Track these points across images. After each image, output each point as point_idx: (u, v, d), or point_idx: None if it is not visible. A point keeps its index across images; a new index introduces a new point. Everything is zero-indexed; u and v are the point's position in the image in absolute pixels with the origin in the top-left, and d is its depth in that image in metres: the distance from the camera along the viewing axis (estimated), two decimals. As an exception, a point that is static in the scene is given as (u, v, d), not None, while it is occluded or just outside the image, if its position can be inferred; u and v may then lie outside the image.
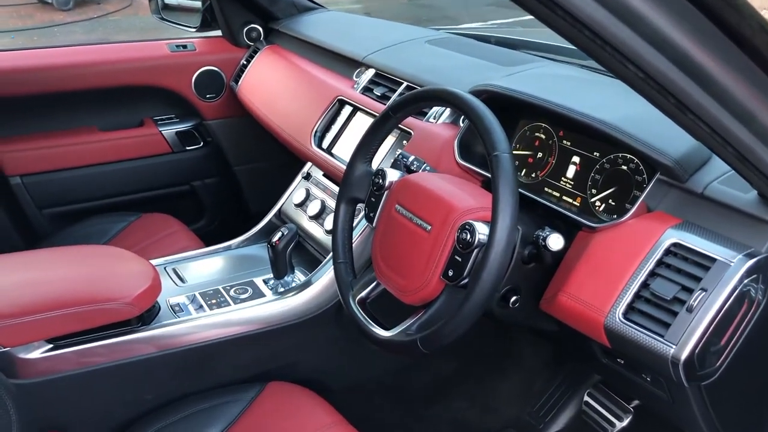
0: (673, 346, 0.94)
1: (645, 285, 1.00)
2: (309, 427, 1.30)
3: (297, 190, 1.77)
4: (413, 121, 1.50)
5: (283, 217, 1.79)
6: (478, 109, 1.05)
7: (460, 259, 1.04)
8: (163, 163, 2.34)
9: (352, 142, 1.59)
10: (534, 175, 1.34)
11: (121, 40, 2.29)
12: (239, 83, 2.24)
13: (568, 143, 1.29)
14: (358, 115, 1.68)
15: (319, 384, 1.48)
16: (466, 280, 1.03)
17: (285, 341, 1.49)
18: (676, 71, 0.71)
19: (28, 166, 2.14)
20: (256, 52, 2.26)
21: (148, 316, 1.40)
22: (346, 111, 1.72)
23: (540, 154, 1.34)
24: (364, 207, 1.27)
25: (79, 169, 2.22)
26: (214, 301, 1.48)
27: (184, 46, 2.31)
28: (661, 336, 0.96)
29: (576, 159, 1.27)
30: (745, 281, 0.93)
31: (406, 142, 1.50)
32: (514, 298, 1.14)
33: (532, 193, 1.28)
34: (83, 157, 2.22)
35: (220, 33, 2.36)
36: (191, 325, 1.41)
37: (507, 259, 0.98)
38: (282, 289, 1.53)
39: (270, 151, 2.29)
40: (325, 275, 1.48)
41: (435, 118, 1.50)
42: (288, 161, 2.00)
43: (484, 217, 1.05)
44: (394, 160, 1.31)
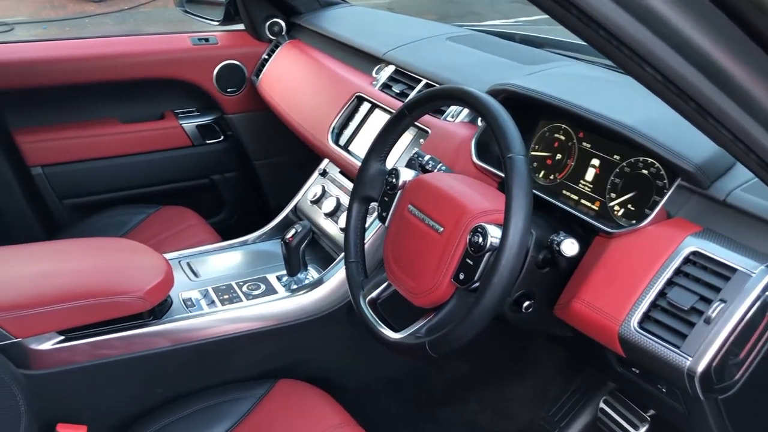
0: (690, 358, 0.91)
1: (662, 294, 0.97)
2: (317, 427, 1.29)
3: (313, 186, 1.76)
4: (431, 119, 1.48)
5: (299, 214, 1.78)
6: (494, 109, 1.03)
7: (471, 263, 1.02)
8: (183, 156, 2.34)
9: (369, 139, 1.57)
10: (552, 177, 1.31)
11: (150, 32, 2.29)
12: (260, 77, 2.24)
13: (588, 145, 1.26)
14: (376, 112, 1.66)
15: (330, 383, 1.47)
16: (477, 284, 1.01)
17: (296, 339, 1.49)
18: (696, 75, 0.68)
19: (50, 157, 2.16)
20: (278, 47, 2.25)
21: (160, 310, 1.40)
22: (365, 108, 1.71)
23: (559, 156, 1.31)
24: (377, 206, 1.25)
25: (100, 160, 2.23)
26: (226, 296, 1.48)
27: (207, 40, 2.31)
28: (677, 347, 0.93)
29: (595, 162, 1.24)
30: (767, 293, 0.90)
31: (423, 140, 1.48)
32: (527, 303, 1.11)
33: (550, 196, 1.25)
34: (104, 148, 2.23)
35: (242, 27, 2.36)
36: (202, 321, 1.40)
37: (519, 263, 0.95)
38: (295, 287, 1.52)
39: (290, 146, 2.28)
40: (338, 273, 1.46)
41: (453, 117, 1.47)
42: (308, 157, 1.99)
43: (498, 220, 1.03)
44: (409, 160, 1.30)
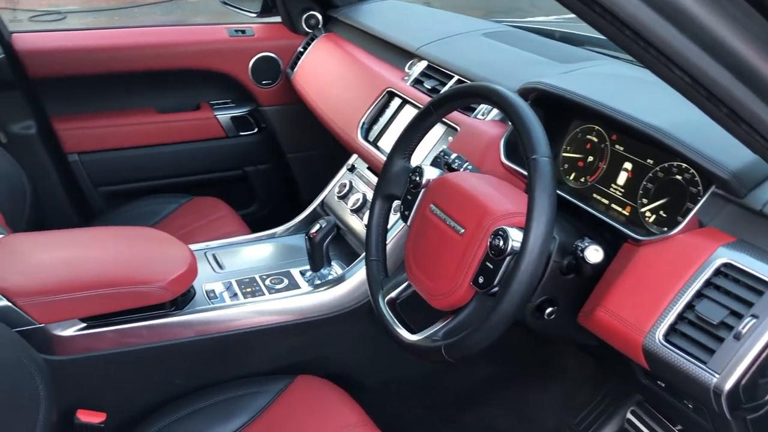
0: (717, 375, 0.87)
1: (690, 306, 0.93)
2: (333, 425, 1.28)
3: (341, 181, 1.75)
4: (460, 116, 1.45)
5: (326, 209, 1.77)
6: (519, 108, 1.00)
7: (491, 266, 0.99)
8: (217, 147, 2.36)
9: (398, 135, 1.55)
10: (583, 180, 1.27)
11: (195, 23, 2.31)
12: (295, 70, 2.23)
13: (621, 148, 1.21)
14: (407, 108, 1.64)
15: (349, 380, 1.46)
16: (497, 289, 0.98)
17: (316, 335, 1.48)
18: (729, 78, 0.64)
19: (87, 144, 2.19)
20: (314, 40, 2.25)
21: (183, 301, 1.41)
22: (395, 103, 1.68)
23: (591, 158, 1.26)
24: (400, 204, 1.23)
25: (135, 149, 2.26)
26: (249, 289, 1.48)
27: (243, 32, 2.32)
28: (704, 363, 0.89)
29: (628, 165, 1.19)
30: (803, 310, 0.85)
31: (452, 138, 1.45)
32: (550, 309, 1.08)
33: (580, 199, 1.21)
34: (140, 137, 2.26)
35: (279, 19, 2.36)
36: (224, 313, 1.41)
37: (539, 269, 0.92)
38: (318, 282, 1.51)
39: (323, 140, 2.27)
40: (361, 271, 1.45)
41: (483, 115, 1.44)
42: (341, 151, 1.98)
43: (521, 223, 0.99)
44: (434, 158, 1.27)
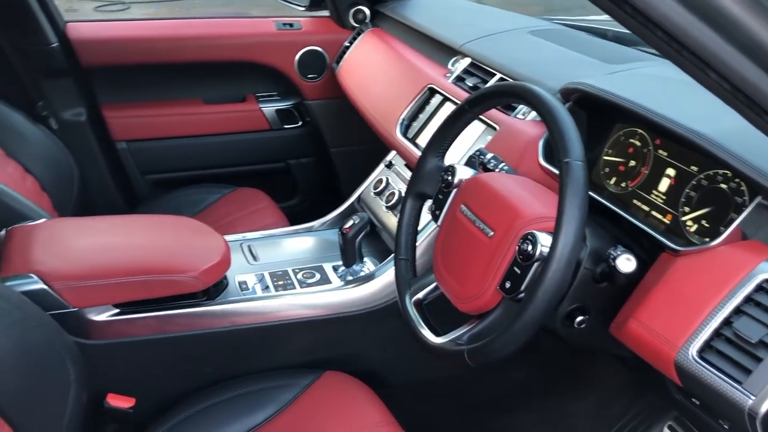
0: (752, 397, 0.83)
1: (727, 322, 0.88)
2: (357, 424, 1.27)
3: (377, 177, 1.74)
4: (500, 115, 1.42)
5: (362, 204, 1.76)
6: (554, 108, 0.96)
7: (518, 272, 0.96)
8: (261, 139, 2.37)
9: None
10: (624, 185, 1.22)
11: (253, 15, 2.34)
12: (340, 65, 2.23)
13: (665, 154, 1.16)
14: (447, 105, 1.61)
15: (378, 378, 1.45)
16: (523, 295, 0.96)
17: (345, 331, 1.47)
18: (771, 84, 0.60)
19: (134, 132, 2.24)
20: (360, 35, 2.24)
21: (215, 291, 1.42)
22: (436, 100, 1.66)
23: (632, 163, 1.22)
24: (431, 204, 1.21)
25: (181, 138, 2.30)
26: (281, 282, 1.48)
27: (291, 25, 2.33)
28: (740, 383, 0.84)
29: (671, 171, 1.14)
30: None
31: (490, 137, 1.42)
32: (581, 318, 1.04)
33: (619, 205, 1.16)
34: (187, 127, 2.29)
35: (327, 13, 2.36)
36: (254, 305, 1.41)
37: (566, 277, 0.89)
38: (350, 278, 1.50)
39: (367, 135, 2.26)
40: (392, 269, 1.43)
41: (524, 115, 1.40)
42: (384, 147, 1.96)
43: (552, 228, 0.96)
44: (469, 157, 1.24)
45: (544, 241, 0.94)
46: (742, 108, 0.64)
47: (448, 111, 1.58)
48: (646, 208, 1.17)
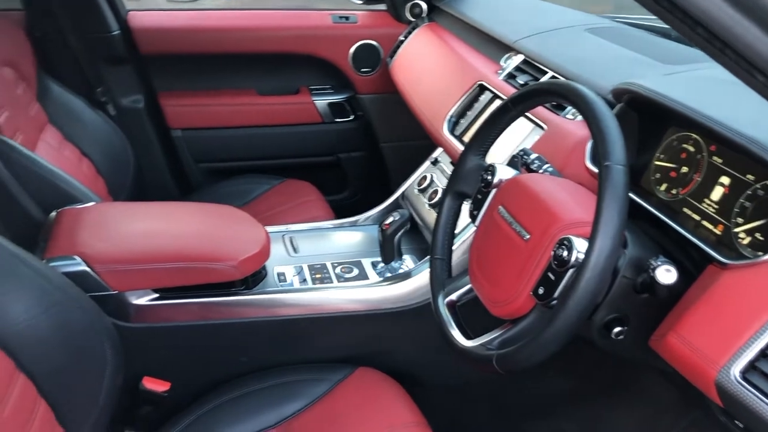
0: (800, 426, 0.77)
1: (775, 343, 0.83)
2: (388, 422, 1.26)
3: (422, 174, 1.71)
4: (549, 115, 1.38)
5: (406, 201, 1.74)
6: (597, 109, 0.92)
7: (552, 278, 0.93)
8: (312, 132, 2.38)
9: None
10: (674, 192, 1.17)
11: (320, 8, 2.34)
12: (393, 59, 2.21)
13: (719, 161, 1.10)
14: (496, 102, 1.57)
15: (411, 377, 1.43)
16: (555, 302, 0.92)
17: (380, 328, 1.46)
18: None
19: (190, 121, 2.28)
20: (415, 29, 2.21)
21: (253, 281, 1.43)
22: (485, 97, 1.62)
23: (685, 169, 1.16)
24: (470, 203, 1.18)
25: (235, 129, 2.33)
26: (318, 275, 1.48)
27: (347, 18, 2.32)
28: (786, 409, 0.79)
29: (725, 180, 1.08)
30: None
31: (538, 137, 1.38)
32: (618, 329, 0.99)
33: (668, 213, 1.11)
34: (240, 118, 2.32)
35: (384, 7, 2.35)
36: (291, 297, 1.41)
37: (601, 285, 0.85)
38: (389, 275, 1.49)
39: (418, 131, 2.24)
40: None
41: (573, 115, 1.36)
42: (435, 143, 1.94)
43: (589, 234, 0.92)
44: (511, 157, 1.21)
45: (581, 247, 0.90)
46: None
47: (496, 109, 1.55)
48: (697, 217, 1.11)
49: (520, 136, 1.42)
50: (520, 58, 1.63)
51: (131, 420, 1.37)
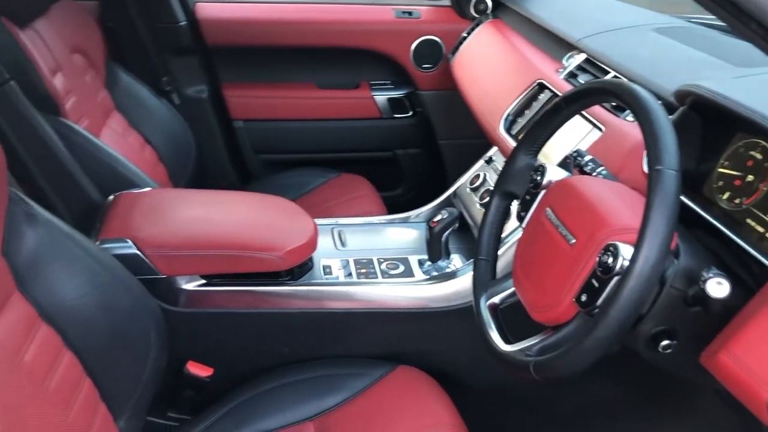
0: None
1: (835, 369, 0.77)
2: (425, 422, 1.24)
3: (476, 173, 1.68)
4: (607, 116, 1.33)
5: (457, 199, 1.71)
6: (651, 110, 0.88)
7: (596, 285, 0.89)
8: (371, 127, 2.38)
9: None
10: (737, 202, 1.10)
11: (382, 2, 2.35)
12: (455, 56, 2.18)
13: (789, 170, 1.03)
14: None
15: (452, 378, 1.41)
16: (597, 311, 0.88)
17: (424, 327, 1.44)
18: None
19: (251, 112, 2.31)
20: (479, 25, 2.18)
21: (299, 273, 1.44)
22: (544, 97, 1.58)
23: (750, 177, 1.09)
24: (519, 204, 1.15)
25: (294, 121, 2.35)
26: (363, 270, 1.47)
27: (410, 13, 2.31)
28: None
29: (793, 191, 1.01)
30: None
31: (596, 138, 1.33)
32: (666, 342, 0.95)
33: (730, 223, 1.05)
34: (300, 111, 2.34)
35: (447, 2, 2.32)
36: (335, 290, 1.41)
37: (645, 296, 0.81)
38: (434, 273, 1.47)
39: (477, 128, 2.21)
40: (477, 268, 1.38)
41: (633, 117, 1.30)
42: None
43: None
44: (563, 158, 1.17)
45: (626, 254, 0.86)
46: None
47: (554, 108, 1.51)
48: (761, 230, 1.04)
49: (577, 136, 1.37)
50: (582, 56, 1.58)
51: (174, 402, 1.40)
